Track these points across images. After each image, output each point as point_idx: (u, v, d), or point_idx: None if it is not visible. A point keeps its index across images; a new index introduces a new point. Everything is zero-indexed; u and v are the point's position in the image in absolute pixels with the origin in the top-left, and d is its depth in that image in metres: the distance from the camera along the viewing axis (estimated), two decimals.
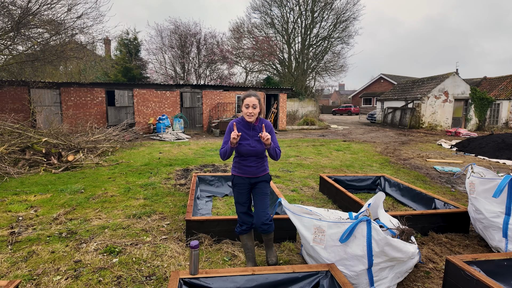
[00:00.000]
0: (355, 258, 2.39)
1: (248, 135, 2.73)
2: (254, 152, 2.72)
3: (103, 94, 14.44)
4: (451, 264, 2.49)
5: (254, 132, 2.74)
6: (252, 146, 2.71)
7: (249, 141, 2.71)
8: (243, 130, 2.72)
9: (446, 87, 19.35)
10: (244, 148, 2.70)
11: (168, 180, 5.75)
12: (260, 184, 2.81)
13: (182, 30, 20.97)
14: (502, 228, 3.01)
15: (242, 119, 2.76)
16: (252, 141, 2.72)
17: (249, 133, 2.73)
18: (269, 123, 2.82)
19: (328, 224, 2.50)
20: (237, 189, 2.81)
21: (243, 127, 2.74)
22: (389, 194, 5.16)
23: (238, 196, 2.81)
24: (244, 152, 2.72)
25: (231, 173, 2.90)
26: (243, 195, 2.80)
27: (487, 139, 10.70)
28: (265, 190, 2.81)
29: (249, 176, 2.78)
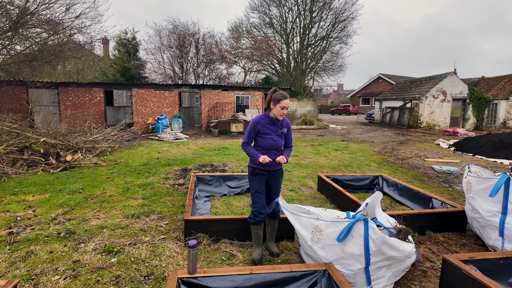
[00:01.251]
0: (353, 257, 2.40)
1: (271, 130, 3.03)
2: (275, 145, 3.03)
3: (101, 94, 14.42)
4: (447, 263, 2.51)
5: (277, 128, 3.06)
6: (274, 140, 3.02)
7: (272, 135, 3.02)
8: (266, 126, 3.02)
9: (444, 86, 19.41)
10: (267, 142, 3.00)
11: (167, 180, 5.76)
12: (276, 179, 3.13)
13: (181, 30, 20.95)
14: (498, 227, 3.03)
15: (266, 115, 3.07)
16: (275, 135, 3.04)
17: (273, 128, 3.04)
18: (288, 120, 3.19)
19: (326, 224, 2.51)
20: (257, 179, 3.04)
21: (267, 122, 3.04)
22: (387, 193, 5.18)
23: (258, 184, 3.03)
24: (267, 145, 3.01)
25: (250, 165, 3.10)
26: (262, 184, 3.05)
27: (485, 139, 10.74)
28: (280, 185, 3.21)
29: (268, 169, 3.06)
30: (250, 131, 3.03)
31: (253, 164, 3.06)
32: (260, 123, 3.01)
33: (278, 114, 2.97)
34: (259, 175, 3.03)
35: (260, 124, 3.01)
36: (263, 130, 3.00)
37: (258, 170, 3.03)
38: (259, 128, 3.01)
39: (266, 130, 3.01)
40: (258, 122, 3.01)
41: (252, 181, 3.06)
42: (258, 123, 3.00)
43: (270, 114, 3.03)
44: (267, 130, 3.01)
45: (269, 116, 3.04)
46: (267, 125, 3.02)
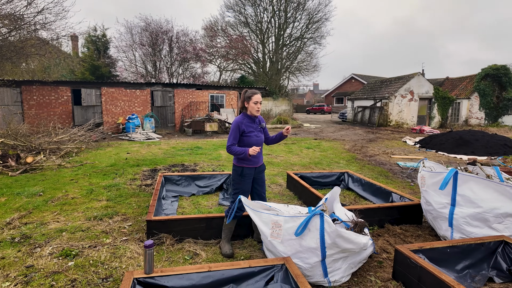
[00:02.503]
0: (310, 251, 2.48)
1: (253, 128, 3.18)
2: (260, 141, 3.21)
3: (68, 93, 13.83)
4: (399, 253, 2.65)
5: (256, 125, 3.22)
6: (258, 136, 3.19)
7: (255, 133, 3.18)
8: (248, 125, 3.16)
9: (411, 86, 20.28)
10: (253, 139, 3.14)
11: (134, 180, 5.63)
12: (261, 174, 3.30)
13: (153, 28, 20.49)
14: (448, 218, 3.22)
15: (245, 115, 3.19)
16: (257, 132, 3.20)
17: (253, 125, 3.19)
18: (262, 118, 3.38)
19: (285, 219, 2.57)
20: (246, 179, 3.16)
21: (248, 122, 3.17)
22: (352, 189, 5.36)
23: (246, 185, 3.17)
24: (254, 142, 3.14)
25: (237, 165, 3.17)
26: (249, 184, 3.20)
27: (447, 136, 11.35)
28: (264, 178, 3.38)
29: (255, 166, 3.20)
30: (235, 132, 3.10)
31: (242, 164, 3.13)
32: (242, 123, 3.13)
33: (254, 110, 3.11)
34: (248, 175, 3.14)
35: (243, 124, 3.13)
36: (247, 129, 3.13)
37: (247, 170, 3.13)
38: (243, 128, 3.12)
39: (250, 128, 3.14)
40: (240, 122, 3.12)
41: (240, 182, 3.14)
42: (241, 124, 3.12)
43: (247, 113, 3.17)
44: (250, 129, 3.15)
45: (247, 115, 3.17)
46: (249, 124, 3.16)
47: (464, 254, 2.81)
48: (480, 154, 9.57)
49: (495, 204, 2.98)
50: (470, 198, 3.08)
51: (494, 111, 22.12)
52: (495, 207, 2.98)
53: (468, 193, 3.10)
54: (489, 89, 21.67)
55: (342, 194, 5.22)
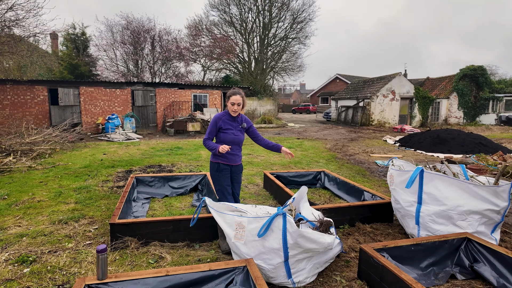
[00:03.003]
0: (272, 251, 2.44)
1: (232, 126, 3.22)
2: (237, 140, 3.23)
3: (45, 92, 13.40)
4: (363, 252, 2.65)
5: (237, 124, 3.26)
6: (236, 134, 3.22)
7: (233, 130, 3.21)
8: (227, 122, 3.20)
9: (393, 86, 20.65)
10: (229, 136, 3.18)
11: (106, 182, 5.48)
12: (238, 174, 3.36)
13: (135, 26, 20.12)
14: (415, 216, 3.25)
15: (226, 113, 3.24)
16: (236, 130, 3.23)
17: (233, 124, 3.24)
18: (248, 118, 3.41)
19: (248, 220, 2.53)
20: (223, 174, 3.22)
21: (227, 119, 3.22)
22: (328, 188, 5.37)
23: (225, 179, 3.23)
24: (230, 139, 3.18)
25: (213, 161, 3.25)
26: (228, 178, 3.26)
27: (425, 135, 11.59)
28: (240, 179, 3.45)
29: (231, 164, 3.25)
30: (211, 127, 3.19)
31: (218, 160, 3.21)
32: (221, 119, 3.19)
33: (230, 110, 3.17)
34: (225, 170, 3.21)
35: (221, 120, 3.19)
36: (224, 126, 3.18)
37: (222, 166, 3.20)
38: (220, 124, 3.18)
39: (227, 126, 3.19)
40: (219, 118, 3.19)
41: (218, 177, 3.22)
42: (219, 119, 3.18)
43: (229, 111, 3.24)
44: (228, 126, 3.19)
45: (229, 113, 3.23)
46: (228, 121, 3.21)
47: (428, 251, 2.83)
48: (456, 152, 9.81)
49: (459, 202, 3.03)
50: (436, 196, 3.11)
51: (472, 111, 22.79)
52: (459, 204, 3.02)
53: (433, 191, 3.13)
54: (467, 89, 22.31)
55: (317, 193, 5.23)
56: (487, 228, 3.08)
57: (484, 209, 2.98)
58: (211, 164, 3.28)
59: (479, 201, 2.99)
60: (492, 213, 2.99)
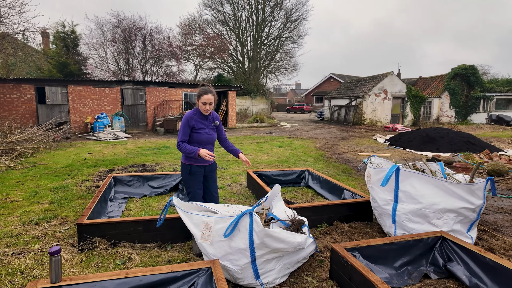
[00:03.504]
0: (239, 252, 2.37)
1: (204, 125, 3.07)
2: (211, 139, 3.11)
3: (32, 91, 13.18)
4: (334, 252, 2.58)
5: (209, 122, 3.12)
6: (209, 134, 3.08)
7: (206, 130, 3.07)
8: (199, 121, 3.04)
9: (385, 85, 20.70)
10: (203, 136, 3.04)
11: (85, 182, 5.36)
12: (212, 173, 3.22)
13: (126, 24, 19.90)
14: (391, 215, 3.20)
15: (196, 111, 3.07)
16: (208, 129, 3.09)
17: (205, 122, 3.09)
18: (217, 115, 3.25)
19: (215, 220, 2.45)
20: (195, 177, 3.08)
21: (199, 118, 3.05)
22: (311, 187, 5.32)
23: (197, 184, 3.10)
24: (204, 139, 3.04)
25: (185, 163, 3.08)
26: (200, 182, 3.12)
27: (415, 134, 11.61)
28: (216, 178, 3.31)
29: (205, 164, 3.10)
30: (184, 128, 2.99)
31: (190, 162, 3.05)
32: (193, 118, 3.01)
33: (202, 110, 3.00)
34: (198, 173, 3.06)
35: (193, 119, 3.01)
36: (197, 125, 3.01)
37: (195, 168, 3.05)
38: (193, 124, 3.00)
39: (200, 125, 3.03)
40: (191, 118, 3.00)
41: (189, 180, 3.06)
42: (191, 119, 3.00)
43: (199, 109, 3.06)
44: (201, 125, 3.03)
45: (200, 111, 3.05)
46: (200, 120, 3.04)
47: (402, 251, 2.78)
48: (444, 151, 9.83)
49: (434, 200, 2.98)
50: (411, 194, 3.07)
51: (463, 110, 22.94)
52: (434, 202, 2.98)
53: (409, 189, 3.08)
54: (458, 88, 22.45)
55: (301, 192, 5.17)
56: (463, 226, 3.04)
57: (459, 207, 2.94)
58: (182, 166, 3.11)
59: (454, 199, 2.95)
60: (467, 211, 2.95)
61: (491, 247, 3.16)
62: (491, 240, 3.38)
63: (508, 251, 3.10)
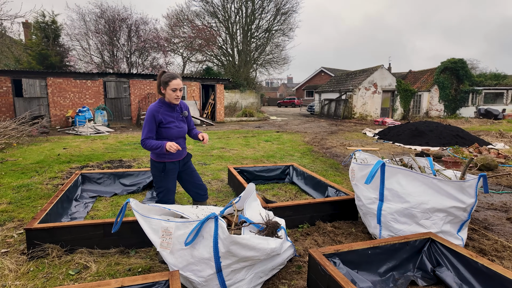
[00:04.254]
0: (203, 262, 2.08)
1: (173, 117, 2.77)
2: (183, 132, 2.84)
3: (8, 83, 12.56)
4: (311, 259, 2.32)
5: (177, 113, 2.82)
6: (179, 127, 2.80)
7: (176, 123, 2.77)
8: (167, 113, 2.73)
9: (375, 79, 20.55)
10: (174, 131, 2.75)
11: (53, 179, 4.99)
12: (188, 163, 2.96)
13: (110, 15, 19.19)
14: (376, 215, 2.96)
15: (162, 102, 2.73)
16: (178, 122, 2.80)
17: (173, 114, 2.78)
18: (184, 102, 2.96)
19: (176, 225, 2.15)
20: (170, 175, 2.81)
21: (166, 110, 2.74)
22: (296, 183, 5.06)
23: (170, 182, 2.82)
24: (176, 134, 2.76)
25: (158, 161, 2.77)
26: (174, 180, 2.87)
27: (404, 127, 11.46)
28: (193, 167, 3.04)
29: (179, 159, 2.85)
30: (150, 123, 2.65)
31: (162, 158, 2.74)
32: (159, 112, 2.68)
33: (172, 98, 2.68)
34: (171, 170, 2.78)
35: (160, 113, 2.69)
36: (165, 119, 2.70)
37: (169, 165, 2.76)
38: (160, 118, 2.68)
39: (168, 118, 2.72)
40: (157, 111, 2.67)
41: (162, 179, 2.76)
42: (157, 113, 2.67)
43: (165, 100, 2.73)
44: (169, 118, 2.73)
45: (165, 102, 2.73)
46: (167, 113, 2.73)
47: (388, 255, 2.53)
48: (433, 145, 9.70)
49: (422, 198, 2.74)
50: (398, 192, 2.82)
51: (452, 103, 23.00)
52: (423, 201, 2.74)
53: (396, 187, 2.83)
54: (447, 82, 22.46)
55: (284, 188, 4.91)
56: (453, 227, 2.81)
57: (449, 207, 2.70)
58: (152, 164, 2.77)
59: (444, 198, 2.71)
60: (458, 210, 2.72)
61: (482, 249, 2.94)
62: (482, 240, 3.18)
63: (500, 252, 2.89)
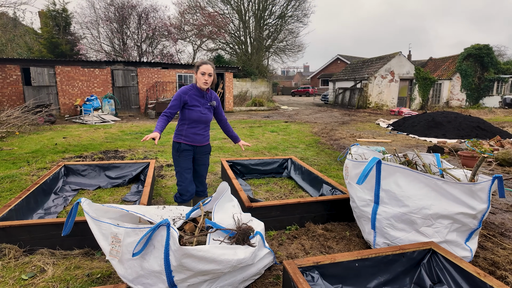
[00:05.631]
0: (153, 275, 1.80)
1: (200, 102, 2.84)
2: (204, 118, 2.87)
3: (17, 72, 12.65)
4: (285, 272, 1.99)
5: (205, 100, 2.88)
6: (203, 113, 2.85)
7: (200, 108, 2.84)
8: (194, 97, 2.82)
9: (392, 67, 19.59)
10: (195, 114, 2.81)
11: (42, 170, 4.85)
12: (203, 155, 3.02)
13: (120, 2, 19.00)
14: (370, 219, 2.59)
15: (193, 86, 2.85)
16: (203, 108, 2.86)
17: (201, 100, 2.85)
18: (217, 95, 3.04)
19: (126, 231, 1.87)
20: (184, 155, 2.89)
21: (195, 94, 2.83)
22: (293, 178, 4.71)
23: (185, 161, 2.90)
24: (196, 118, 2.82)
25: (175, 140, 2.92)
26: (189, 160, 2.93)
27: (420, 118, 10.79)
28: (207, 161, 3.10)
29: (196, 144, 2.92)
30: (175, 101, 2.78)
31: (179, 139, 2.90)
32: (187, 93, 2.81)
33: (201, 82, 2.77)
34: (186, 151, 2.89)
35: (188, 95, 2.81)
36: (191, 101, 2.81)
37: (184, 146, 2.89)
38: (186, 99, 2.80)
39: (194, 102, 2.82)
40: (185, 92, 2.81)
41: (178, 158, 2.91)
42: (185, 94, 2.80)
43: (197, 85, 2.85)
44: (195, 102, 2.82)
45: (196, 87, 2.85)
46: (195, 97, 2.83)
47: (379, 268, 2.18)
48: (451, 137, 9.05)
49: (424, 203, 2.35)
50: (396, 194, 2.43)
51: (475, 93, 21.73)
52: (424, 206, 2.34)
53: (393, 188, 2.45)
54: (471, 70, 21.17)
55: (280, 183, 4.58)
56: (460, 236, 2.41)
57: (455, 213, 2.30)
58: (173, 143, 2.95)
59: (449, 202, 2.31)
60: (466, 217, 2.31)
61: (495, 261, 2.53)
62: (496, 249, 2.76)
63: None
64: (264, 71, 26.01)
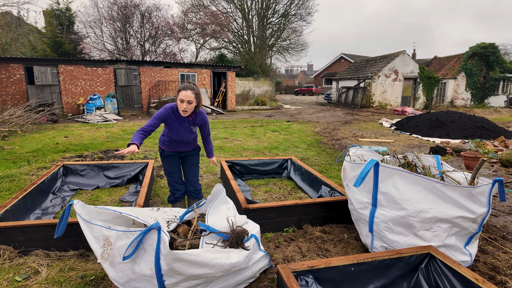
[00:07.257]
0: (144, 279, 1.77)
1: (182, 126, 2.74)
2: (186, 139, 2.83)
3: (21, 71, 12.73)
4: (279, 276, 1.96)
5: (188, 125, 2.77)
6: (184, 135, 2.79)
7: (181, 132, 2.75)
8: (176, 122, 2.71)
9: (396, 65, 19.43)
10: (176, 135, 2.76)
11: (42, 169, 4.85)
12: (190, 156, 2.99)
13: (123, 1, 19.02)
14: (368, 222, 2.54)
15: (176, 110, 2.69)
16: (185, 132, 2.77)
17: (183, 124, 2.74)
18: (205, 116, 2.86)
19: (117, 234, 1.85)
20: (168, 160, 2.92)
21: (176, 117, 2.70)
22: (293, 179, 4.67)
23: (169, 165, 2.93)
24: (177, 138, 2.79)
25: (159, 146, 2.96)
26: (174, 163, 2.94)
27: (423, 117, 10.68)
28: (195, 161, 3.04)
29: (176, 151, 2.92)
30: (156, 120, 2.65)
31: (163, 146, 2.92)
32: (170, 116, 2.68)
33: (180, 109, 2.59)
34: (168, 156, 2.91)
35: (170, 117, 2.69)
36: (170, 124, 2.74)
37: (166, 152, 2.89)
38: (167, 121, 2.73)
39: (175, 125, 2.74)
40: (167, 114, 2.67)
41: (164, 162, 2.96)
42: (168, 116, 2.67)
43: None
44: (177, 125, 2.74)
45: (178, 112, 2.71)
46: (177, 122, 2.72)
47: (376, 272, 2.14)
48: (455, 137, 8.95)
49: (422, 206, 2.30)
50: (394, 197, 2.39)
51: (480, 92, 21.50)
52: (422, 209, 2.30)
53: (391, 191, 2.40)
54: (476, 69, 20.94)
55: (279, 184, 4.54)
56: (459, 240, 2.36)
57: (455, 217, 2.25)
58: (158, 148, 3.02)
59: (449, 206, 2.26)
60: (465, 221, 2.26)
61: (496, 266, 2.48)
62: (497, 253, 2.70)
63: None
64: (267, 70, 25.94)
